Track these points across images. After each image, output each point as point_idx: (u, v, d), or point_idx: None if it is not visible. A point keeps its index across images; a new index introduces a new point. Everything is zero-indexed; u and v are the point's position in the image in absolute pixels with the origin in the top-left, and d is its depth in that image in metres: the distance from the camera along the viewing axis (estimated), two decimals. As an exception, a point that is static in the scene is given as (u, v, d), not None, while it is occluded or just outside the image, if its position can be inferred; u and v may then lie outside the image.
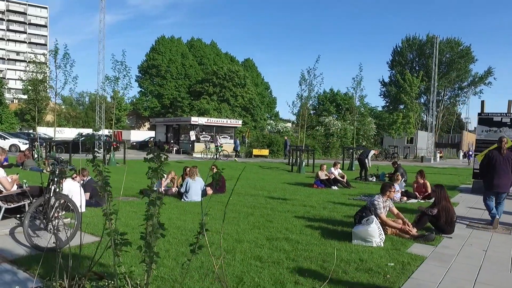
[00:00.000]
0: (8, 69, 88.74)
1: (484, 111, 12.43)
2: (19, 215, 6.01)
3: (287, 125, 49.51)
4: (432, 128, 38.80)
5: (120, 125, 48.89)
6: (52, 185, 4.99)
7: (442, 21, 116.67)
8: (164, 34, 60.03)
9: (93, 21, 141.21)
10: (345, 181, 13.19)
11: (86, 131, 40.69)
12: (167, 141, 36.02)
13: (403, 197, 10.08)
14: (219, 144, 29.13)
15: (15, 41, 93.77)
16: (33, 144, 19.46)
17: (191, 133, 32.95)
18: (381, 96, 64.23)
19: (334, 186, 12.69)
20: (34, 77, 20.53)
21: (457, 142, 65.61)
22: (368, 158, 15.98)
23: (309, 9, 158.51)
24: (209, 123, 34.44)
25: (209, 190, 10.24)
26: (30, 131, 37.52)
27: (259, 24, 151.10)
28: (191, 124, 33.31)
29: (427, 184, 10.51)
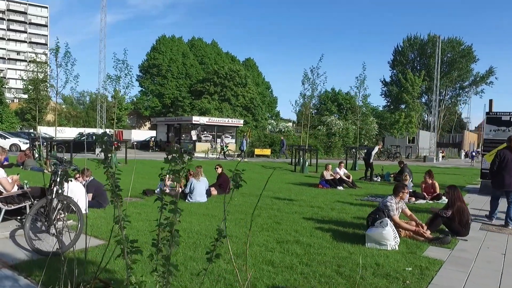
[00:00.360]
0: (9, 69, 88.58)
1: (492, 110, 12.24)
2: (20, 217, 5.81)
3: (288, 125, 49.22)
4: (435, 128, 38.58)
5: (121, 125, 48.70)
6: (54, 186, 4.79)
7: (444, 21, 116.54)
8: (165, 34, 59.85)
9: (93, 21, 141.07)
10: (351, 181, 12.98)
11: (87, 131, 40.51)
12: (168, 141, 35.82)
13: (411, 198, 9.86)
14: (225, 144, 28.88)
15: (16, 41, 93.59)
16: (34, 144, 19.25)
17: (193, 133, 32.70)
18: (382, 96, 64.06)
19: (340, 187, 12.50)
20: (35, 77, 20.31)
21: (458, 142, 65.41)
22: (372, 154, 15.82)
23: (310, 9, 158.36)
24: (211, 123, 34.21)
25: (214, 191, 10.05)
26: (31, 131, 37.36)
27: (259, 24, 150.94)
28: (193, 124, 33.07)
29: (436, 185, 10.31)
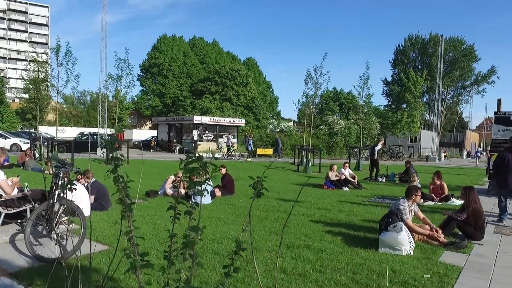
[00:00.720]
0: (9, 68, 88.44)
1: (501, 110, 12.03)
2: (20, 220, 5.62)
3: (290, 124, 48.98)
4: (437, 128, 38.35)
5: (122, 124, 48.47)
6: (56, 190, 4.59)
7: (445, 20, 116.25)
8: (165, 33, 59.56)
9: (93, 21, 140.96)
10: (356, 182, 12.78)
11: (88, 130, 40.32)
12: (170, 140, 35.63)
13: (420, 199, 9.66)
14: (231, 144, 28.63)
15: (16, 40, 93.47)
16: (35, 144, 19.06)
17: (194, 132, 32.47)
18: (383, 95, 63.78)
19: (345, 187, 12.30)
20: (36, 76, 20.11)
21: (460, 142, 65.18)
22: (376, 150, 15.65)
23: (311, 8, 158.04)
24: (212, 122, 33.98)
25: (218, 192, 9.87)
26: (32, 130, 37.17)
27: (260, 24, 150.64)
28: (194, 123, 32.84)
29: (444, 186, 10.11)
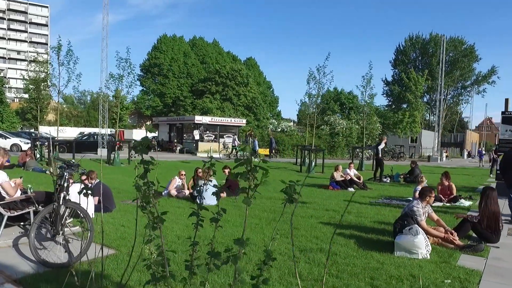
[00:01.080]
0: (9, 68, 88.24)
1: (508, 110, 11.87)
2: (23, 223, 5.45)
3: (290, 124, 48.81)
4: (439, 128, 38.18)
5: (122, 124, 48.27)
6: (61, 192, 4.42)
7: (446, 20, 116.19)
8: (166, 33, 59.38)
9: (93, 21, 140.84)
10: (361, 183, 12.63)
11: (88, 130, 40.16)
12: (170, 140, 35.45)
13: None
14: (237, 144, 28.44)
15: (16, 40, 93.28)
16: (35, 144, 18.88)
17: (195, 132, 32.29)
18: (384, 95, 63.62)
19: (350, 188, 12.15)
20: (36, 76, 19.89)
21: (460, 142, 65.07)
22: (379, 148, 15.53)
23: (311, 8, 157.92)
24: (213, 122, 33.81)
25: (222, 193, 9.71)
26: (32, 130, 36.99)
27: (260, 24, 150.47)
28: (195, 123, 32.65)
29: (453, 186, 9.95)
